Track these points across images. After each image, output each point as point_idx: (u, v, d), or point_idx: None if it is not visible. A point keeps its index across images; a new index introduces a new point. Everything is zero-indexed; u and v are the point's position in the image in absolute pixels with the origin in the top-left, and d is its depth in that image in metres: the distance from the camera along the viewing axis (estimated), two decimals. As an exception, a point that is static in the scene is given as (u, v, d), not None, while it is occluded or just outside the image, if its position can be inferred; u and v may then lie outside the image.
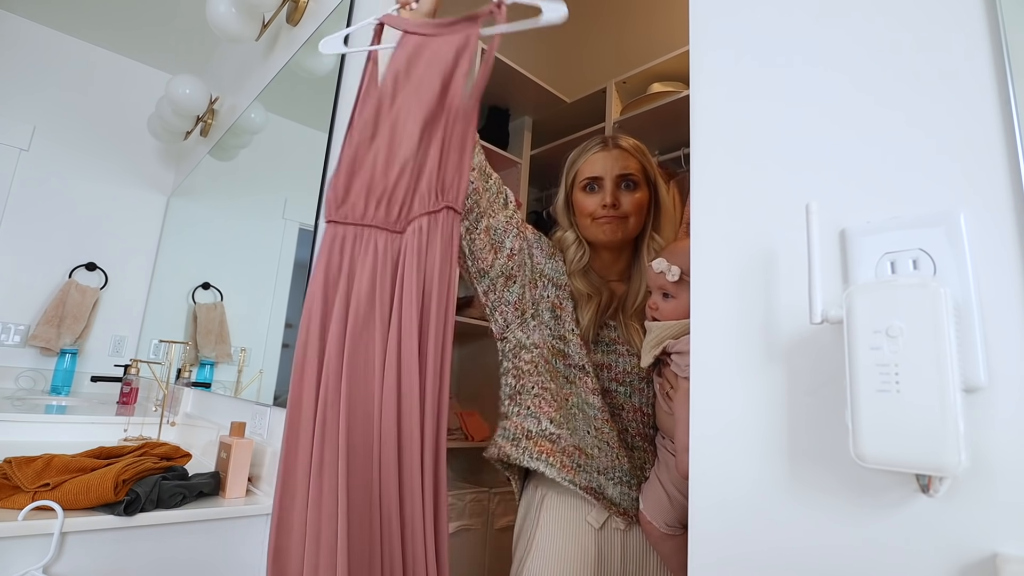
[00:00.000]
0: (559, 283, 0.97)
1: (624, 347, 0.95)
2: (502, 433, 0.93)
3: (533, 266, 0.96)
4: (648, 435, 0.93)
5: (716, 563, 0.46)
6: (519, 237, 0.94)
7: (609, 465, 0.88)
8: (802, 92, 0.47)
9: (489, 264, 0.92)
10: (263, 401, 1.29)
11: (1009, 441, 0.33)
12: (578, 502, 0.89)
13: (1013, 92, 0.35)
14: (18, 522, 0.84)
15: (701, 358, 0.50)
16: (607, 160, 0.98)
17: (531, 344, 0.92)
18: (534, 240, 0.98)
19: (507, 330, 0.95)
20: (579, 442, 0.88)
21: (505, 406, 0.94)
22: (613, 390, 0.94)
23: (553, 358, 0.92)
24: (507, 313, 0.94)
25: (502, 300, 0.94)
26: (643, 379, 0.94)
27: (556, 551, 0.88)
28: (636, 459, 0.91)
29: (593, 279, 0.99)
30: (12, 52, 2.40)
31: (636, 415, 0.93)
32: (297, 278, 1.28)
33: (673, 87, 1.88)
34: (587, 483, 0.86)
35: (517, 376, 0.93)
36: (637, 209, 0.97)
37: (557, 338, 0.94)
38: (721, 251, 0.50)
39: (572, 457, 0.87)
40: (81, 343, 2.44)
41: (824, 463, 0.41)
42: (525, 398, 0.91)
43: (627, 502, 0.87)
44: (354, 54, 1.13)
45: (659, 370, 0.90)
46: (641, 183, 0.98)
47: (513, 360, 0.94)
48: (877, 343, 0.35)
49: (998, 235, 0.35)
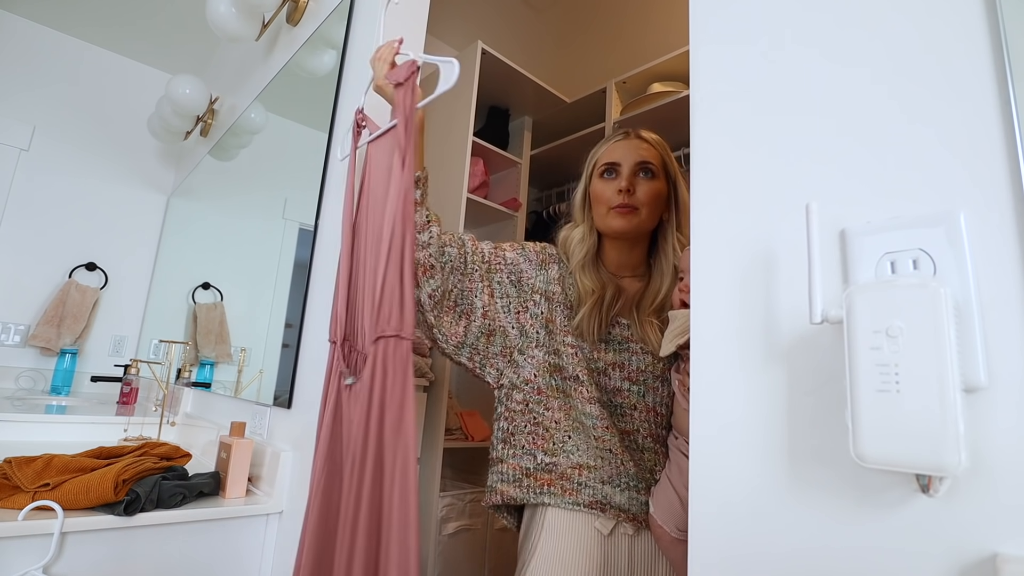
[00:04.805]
0: (550, 294, 0.96)
1: (638, 345, 0.93)
2: (500, 478, 0.91)
3: (521, 288, 0.96)
4: (660, 436, 0.91)
5: (717, 563, 0.46)
6: (488, 281, 0.95)
7: (614, 473, 0.87)
8: (802, 92, 0.47)
9: (463, 334, 0.93)
10: (263, 401, 1.29)
11: (1009, 441, 0.33)
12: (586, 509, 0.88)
13: (1013, 92, 0.35)
14: (18, 522, 0.84)
15: (701, 358, 0.50)
16: (627, 147, 0.97)
17: (522, 382, 0.93)
18: (517, 257, 0.98)
19: (502, 377, 0.95)
20: (578, 459, 0.87)
21: (498, 451, 0.93)
22: (626, 389, 0.91)
23: (550, 376, 0.92)
24: (497, 363, 0.95)
25: (488, 355, 0.95)
26: (658, 377, 0.92)
27: (559, 556, 0.86)
28: (646, 461, 0.89)
29: (602, 273, 0.97)
30: (12, 52, 2.40)
31: (649, 415, 0.91)
32: (297, 278, 1.28)
33: (673, 87, 1.88)
34: (591, 498, 0.85)
35: (509, 418, 0.93)
36: (652, 199, 0.95)
37: (552, 353, 0.93)
38: (721, 251, 0.50)
39: (571, 479, 0.87)
40: (81, 343, 2.44)
41: (824, 463, 0.41)
42: (519, 439, 0.91)
43: (636, 507, 0.86)
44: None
45: (678, 365, 0.88)
46: (659, 174, 0.96)
47: (506, 403, 0.94)
48: (877, 343, 0.35)
49: (998, 235, 0.35)
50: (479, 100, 2.01)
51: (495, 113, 2.32)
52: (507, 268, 0.96)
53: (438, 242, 0.91)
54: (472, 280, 0.94)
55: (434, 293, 0.90)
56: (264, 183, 1.74)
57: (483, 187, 2.18)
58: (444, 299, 0.92)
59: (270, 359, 1.35)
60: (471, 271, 0.94)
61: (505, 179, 2.32)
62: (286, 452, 1.10)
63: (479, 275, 0.95)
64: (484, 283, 0.95)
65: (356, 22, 1.29)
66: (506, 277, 0.96)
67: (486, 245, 0.98)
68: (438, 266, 0.90)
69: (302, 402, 1.13)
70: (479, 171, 2.13)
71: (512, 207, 2.19)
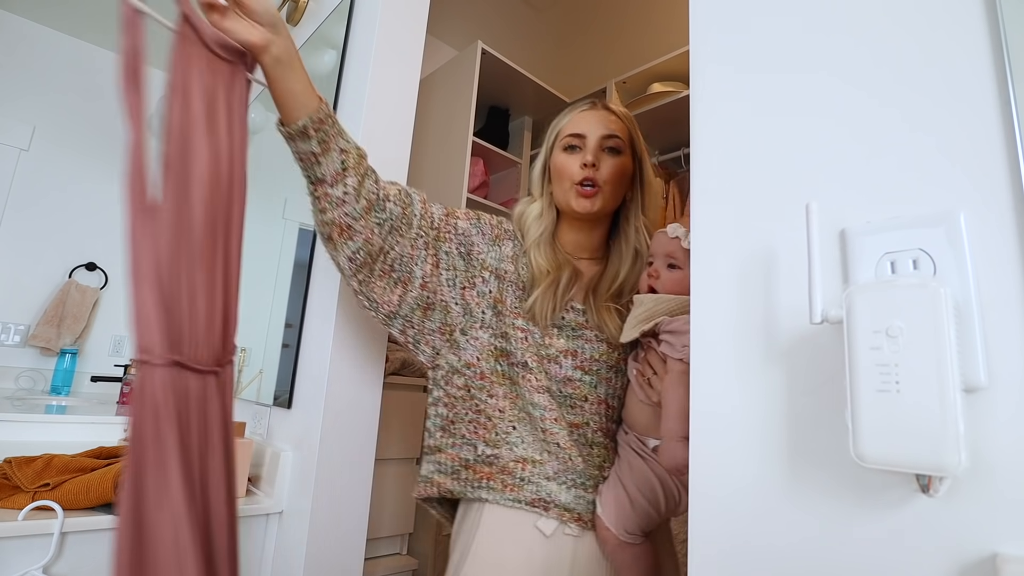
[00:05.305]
0: (501, 273, 0.88)
1: (593, 332, 0.85)
2: (436, 468, 0.85)
3: (471, 263, 0.88)
4: (611, 431, 0.85)
5: (717, 563, 0.46)
6: (434, 250, 0.86)
7: (560, 469, 0.80)
8: (802, 92, 0.47)
9: (397, 304, 0.85)
10: (263, 401, 1.29)
11: (1009, 441, 0.33)
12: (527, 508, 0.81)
13: (1013, 92, 0.35)
14: (18, 522, 0.84)
15: (701, 358, 0.50)
16: (594, 119, 0.89)
17: (463, 366, 0.86)
18: (470, 227, 0.89)
19: (438, 357, 0.88)
20: (522, 453, 0.82)
21: (436, 438, 0.86)
22: (577, 379, 0.84)
23: (495, 361, 0.85)
24: (433, 341, 0.87)
25: (424, 331, 0.87)
26: (612, 368, 0.85)
27: (496, 559, 0.79)
28: (595, 457, 0.82)
29: (559, 253, 0.90)
30: (12, 52, 2.40)
31: (600, 408, 0.84)
32: (297, 278, 1.28)
33: (673, 87, 1.88)
34: (534, 495, 0.79)
35: (449, 405, 0.86)
36: (617, 177, 0.88)
37: (499, 336, 0.85)
38: (721, 251, 0.50)
39: (514, 473, 0.81)
40: (81, 343, 2.44)
41: (824, 463, 0.41)
42: (459, 427, 0.85)
43: (582, 506, 0.79)
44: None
45: (636, 354, 0.83)
46: (625, 150, 0.89)
47: (445, 388, 0.87)
48: (877, 343, 0.35)
49: (998, 235, 0.35)
50: (479, 100, 2.01)
51: (495, 113, 2.32)
52: (457, 238, 0.88)
53: (363, 196, 0.79)
54: (416, 246, 0.85)
55: (355, 256, 0.81)
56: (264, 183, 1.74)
57: (483, 187, 2.18)
58: (374, 261, 0.82)
59: (270, 359, 1.35)
60: (416, 236, 0.85)
61: (505, 179, 2.32)
62: (286, 452, 1.10)
63: (424, 242, 0.85)
64: (429, 251, 0.86)
65: (356, 22, 1.28)
66: (455, 248, 0.87)
67: (437, 209, 0.89)
68: (362, 224, 0.79)
69: (302, 402, 1.13)
70: (479, 171, 2.13)
71: (512, 207, 2.19)
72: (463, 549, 0.82)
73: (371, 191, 0.80)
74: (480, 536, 0.80)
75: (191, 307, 0.65)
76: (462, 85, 1.95)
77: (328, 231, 0.80)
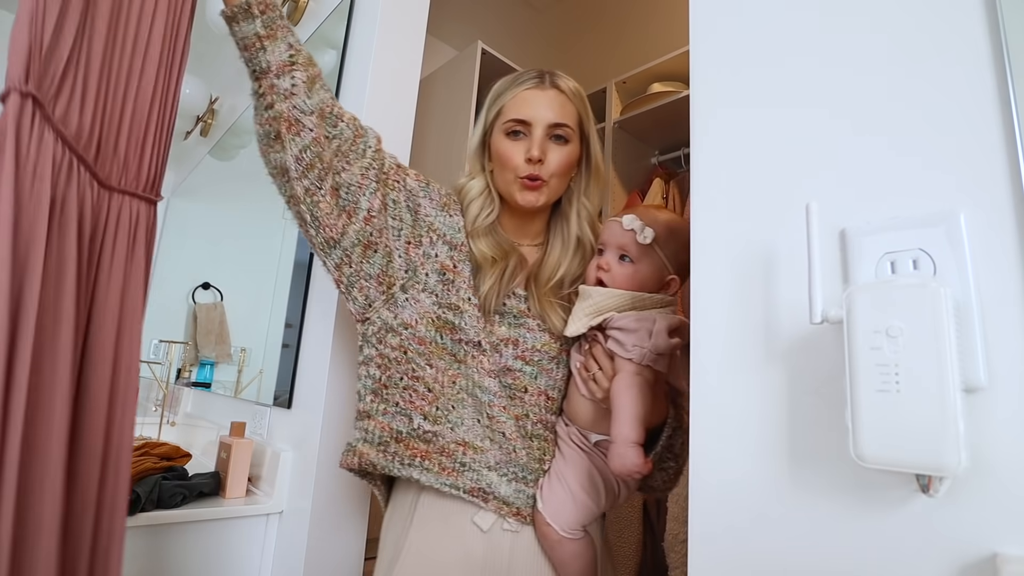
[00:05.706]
0: (454, 242, 0.83)
1: (535, 321, 0.82)
2: (363, 436, 0.79)
3: (417, 220, 0.82)
4: (550, 423, 0.82)
5: (716, 563, 0.46)
6: (383, 191, 0.80)
7: (503, 459, 0.77)
8: (802, 92, 0.47)
9: (340, 232, 0.77)
10: (263, 401, 1.29)
11: (1009, 441, 0.33)
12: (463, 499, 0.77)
13: (1013, 92, 0.35)
14: None
15: (702, 358, 0.50)
16: (541, 102, 0.81)
17: (400, 325, 0.79)
18: (419, 188, 0.84)
19: (369, 310, 0.80)
20: (464, 436, 0.77)
21: (366, 402, 0.80)
22: (517, 369, 0.80)
23: (437, 332, 0.79)
24: (368, 289, 0.79)
25: (360, 274, 0.79)
26: (553, 359, 0.82)
27: (432, 556, 0.75)
28: (535, 450, 0.79)
29: (501, 239, 0.85)
30: (12, 52, 2.40)
31: (540, 399, 0.81)
32: (297, 278, 1.28)
33: (673, 87, 1.88)
34: (473, 484, 0.76)
35: (382, 366, 0.80)
36: (564, 168, 0.82)
37: (446, 307, 0.80)
38: (721, 251, 0.50)
39: (453, 456, 0.76)
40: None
41: (824, 463, 0.41)
42: (392, 392, 0.79)
43: (522, 500, 0.77)
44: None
45: (579, 346, 0.80)
46: (573, 138, 0.83)
47: (377, 346, 0.80)
48: (877, 343, 0.35)
49: (998, 235, 0.35)
50: (479, 100, 2.01)
51: (495, 113, 2.32)
52: (405, 192, 0.83)
53: (315, 97, 0.75)
54: (366, 177, 0.79)
55: (302, 155, 0.73)
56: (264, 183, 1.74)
57: (483, 187, 2.17)
58: (323, 175, 0.75)
59: (270, 359, 1.35)
60: (367, 167, 0.79)
61: (505, 179, 2.32)
62: (286, 452, 1.10)
63: (376, 175, 0.80)
64: (379, 188, 0.80)
65: (356, 22, 1.28)
66: (403, 200, 0.82)
67: (390, 158, 0.84)
68: (323, 137, 0.75)
69: (302, 402, 1.13)
70: (479, 171, 2.13)
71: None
72: (395, 545, 0.79)
73: (324, 100, 0.76)
74: (413, 534, 0.77)
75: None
76: (462, 85, 1.94)
77: (276, 127, 0.72)
